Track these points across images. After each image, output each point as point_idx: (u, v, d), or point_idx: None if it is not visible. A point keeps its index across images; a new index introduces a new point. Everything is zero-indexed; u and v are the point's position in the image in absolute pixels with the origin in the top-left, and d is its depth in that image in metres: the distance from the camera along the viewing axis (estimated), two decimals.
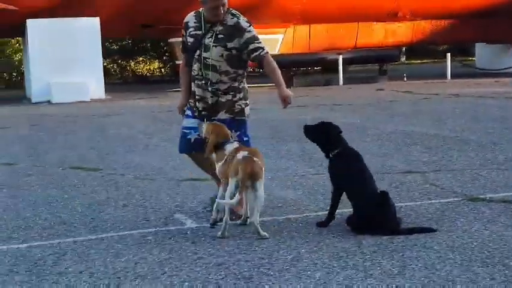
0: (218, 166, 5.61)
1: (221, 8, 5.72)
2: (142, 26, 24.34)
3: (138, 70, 36.78)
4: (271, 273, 4.49)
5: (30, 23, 22.51)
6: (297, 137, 8.83)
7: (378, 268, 4.52)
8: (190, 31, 5.92)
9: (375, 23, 27.41)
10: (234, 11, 5.87)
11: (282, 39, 26.47)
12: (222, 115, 5.87)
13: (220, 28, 5.79)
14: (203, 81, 5.84)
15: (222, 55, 5.77)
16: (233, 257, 4.86)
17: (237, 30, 5.76)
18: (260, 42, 5.79)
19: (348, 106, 17.09)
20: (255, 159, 5.32)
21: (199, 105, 5.92)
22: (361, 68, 32.15)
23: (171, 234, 5.53)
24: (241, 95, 5.94)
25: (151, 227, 5.80)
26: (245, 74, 6.00)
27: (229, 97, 5.87)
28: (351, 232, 5.38)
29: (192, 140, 6.00)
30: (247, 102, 5.99)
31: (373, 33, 27.75)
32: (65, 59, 22.14)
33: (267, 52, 5.81)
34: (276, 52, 26.39)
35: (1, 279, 4.58)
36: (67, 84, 21.95)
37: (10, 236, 5.68)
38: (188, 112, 6.05)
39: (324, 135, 5.72)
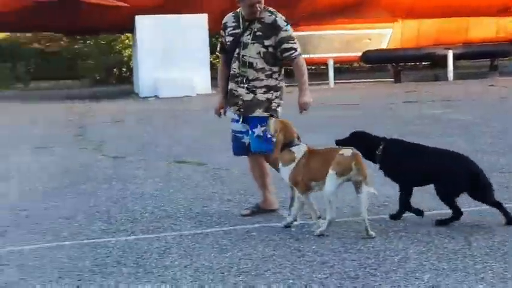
0: (286, 168, 5.51)
1: (257, 5, 5.79)
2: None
3: None
4: (378, 273, 4.38)
5: (139, 19, 23.06)
6: (397, 133, 8.59)
7: (490, 272, 4.34)
8: (229, 30, 6.01)
9: (485, 17, 26.58)
10: (271, 9, 5.92)
11: (391, 34, 26.05)
12: (260, 113, 5.88)
13: (258, 26, 5.85)
14: (240, 78, 5.92)
15: (259, 52, 5.84)
16: (338, 256, 4.77)
17: (273, 28, 5.82)
18: (295, 43, 5.85)
19: (458, 102, 16.62)
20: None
21: (237, 101, 5.97)
22: (470, 63, 31.22)
23: (275, 231, 5.49)
24: (278, 93, 5.95)
25: (256, 222, 5.78)
26: (282, 71, 5.99)
27: (267, 96, 5.89)
28: (461, 233, 5.19)
29: (247, 143, 6.05)
30: (282, 102, 5.99)
31: (483, 28, 26.92)
32: (173, 54, 22.56)
33: (300, 54, 5.87)
34: (384, 47, 26.04)
35: (109, 270, 4.66)
36: (174, 79, 22.35)
37: (118, 229, 5.79)
38: (235, 116, 6.07)
39: (360, 143, 5.65)
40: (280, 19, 5.85)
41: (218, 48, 6.23)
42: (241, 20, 5.93)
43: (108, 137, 12.35)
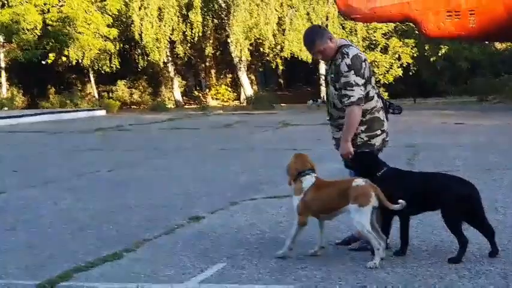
0: (296, 198, 5.60)
1: (319, 54, 6.02)
2: None
3: None
4: None
5: None
6: None
7: None
8: (325, 67, 6.63)
9: None
10: (345, 50, 5.89)
11: None
12: None
13: (333, 67, 5.99)
14: (328, 117, 6.16)
15: (335, 94, 5.97)
16: None
17: (337, 73, 5.90)
18: (352, 90, 5.79)
19: None
20: None
21: (333, 141, 6.18)
22: None
23: None
24: (364, 127, 5.91)
25: None
26: (369, 107, 5.91)
27: None
28: None
29: None
30: (376, 133, 5.96)
31: None
32: None
33: (351, 102, 5.78)
34: None
35: None
36: None
37: None
38: None
39: (364, 163, 5.79)
40: (344, 64, 5.84)
41: None
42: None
43: None
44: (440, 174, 5.96)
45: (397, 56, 36.26)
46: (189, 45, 38.18)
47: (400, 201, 5.37)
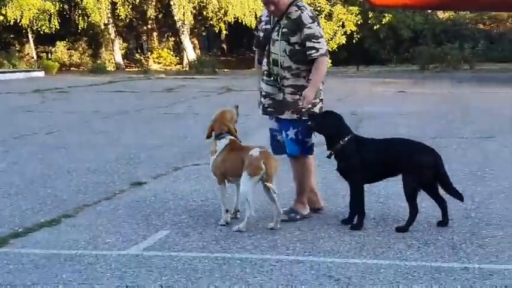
0: (211, 159, 5.75)
1: (270, 5, 5.61)
2: None
3: None
4: None
5: None
6: None
7: None
8: (262, 25, 5.89)
9: None
10: (300, 3, 5.63)
11: None
12: (289, 115, 5.71)
13: (285, 22, 5.64)
14: (271, 78, 5.78)
15: (284, 50, 5.65)
16: None
17: (298, 25, 5.57)
18: (319, 42, 5.54)
19: None
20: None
21: (265, 101, 5.88)
22: None
23: None
24: None
25: None
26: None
27: (295, 97, 5.66)
28: None
29: (281, 141, 5.90)
30: (316, 101, 5.71)
31: None
32: None
33: (321, 54, 5.55)
34: None
35: None
36: None
37: None
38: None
39: (331, 124, 5.62)
40: (306, 15, 5.55)
41: (254, 42, 6.03)
42: (272, 16, 5.75)
43: None
44: (403, 140, 5.75)
45: (341, 23, 36.22)
46: (130, 6, 37.39)
47: (270, 186, 5.36)
